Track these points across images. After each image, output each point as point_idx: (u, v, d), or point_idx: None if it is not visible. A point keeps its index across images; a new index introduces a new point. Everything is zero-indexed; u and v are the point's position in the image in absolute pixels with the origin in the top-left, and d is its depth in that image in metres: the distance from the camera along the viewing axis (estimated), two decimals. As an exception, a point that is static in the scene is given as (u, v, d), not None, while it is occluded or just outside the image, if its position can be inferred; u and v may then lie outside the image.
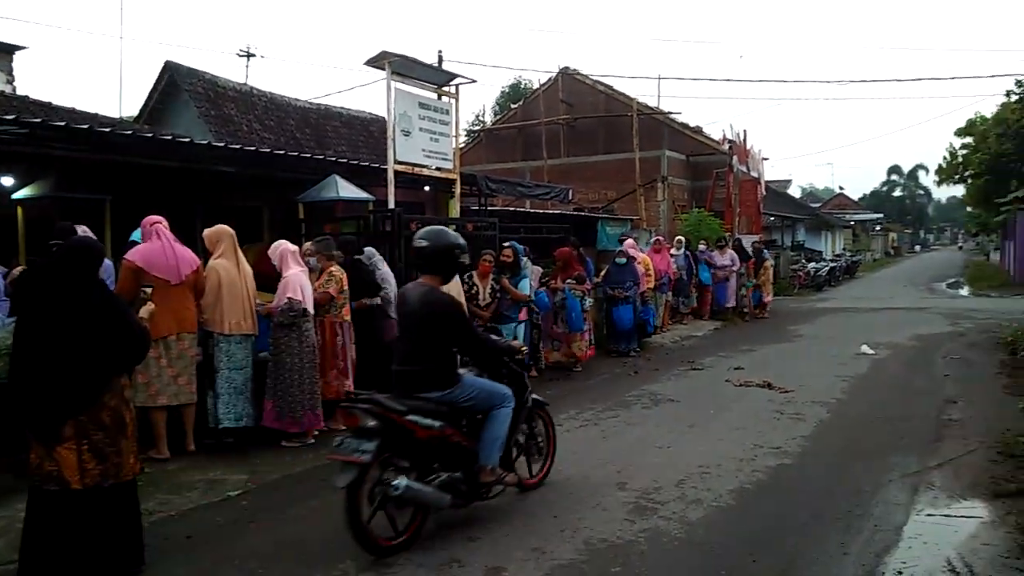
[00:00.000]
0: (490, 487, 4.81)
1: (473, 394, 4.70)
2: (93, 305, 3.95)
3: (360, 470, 4.15)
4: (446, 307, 4.68)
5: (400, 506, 4.34)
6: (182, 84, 16.46)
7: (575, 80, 26.78)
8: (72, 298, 3.92)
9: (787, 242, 34.00)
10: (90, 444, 3.86)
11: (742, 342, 12.86)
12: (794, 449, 6.41)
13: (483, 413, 4.79)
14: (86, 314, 3.91)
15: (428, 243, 4.74)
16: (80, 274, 4.00)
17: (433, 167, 10.26)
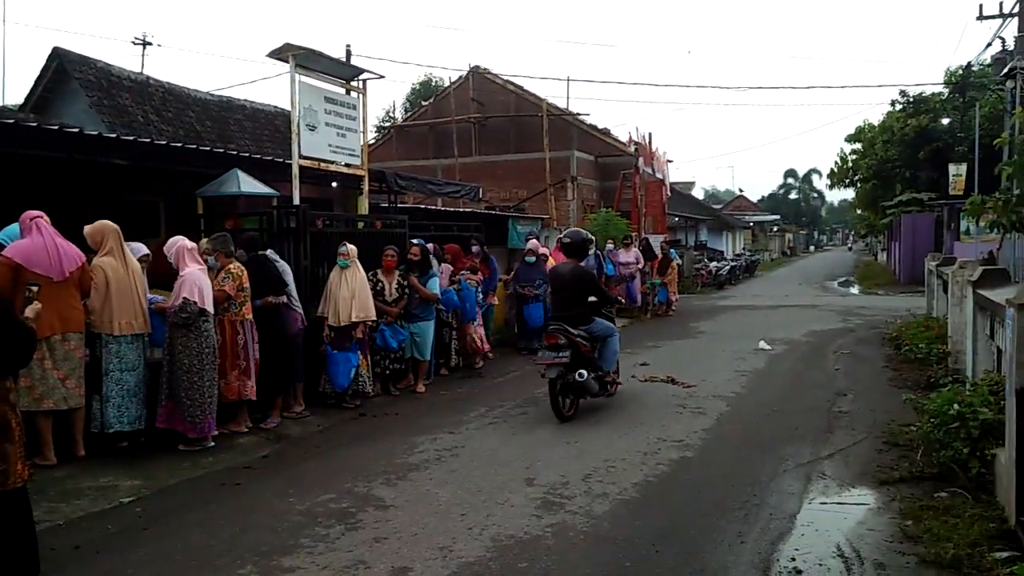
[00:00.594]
0: (608, 385, 7.82)
1: (600, 328, 7.71)
2: None
3: (563, 368, 7.12)
4: (588, 274, 8.02)
5: (574, 392, 7.36)
6: (72, 72, 15.55)
7: (486, 79, 26.84)
8: None
9: (691, 242, 35.11)
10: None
11: (648, 339, 13.18)
12: (696, 442, 6.60)
13: (603, 340, 7.70)
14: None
15: (571, 240, 8.04)
16: None
17: (341, 163, 10.04)
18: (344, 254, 7.94)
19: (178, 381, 6.16)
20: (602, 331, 7.71)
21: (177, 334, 6.19)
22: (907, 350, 10.65)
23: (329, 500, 5.15)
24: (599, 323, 7.69)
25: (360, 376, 7.92)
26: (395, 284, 8.58)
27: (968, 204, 9.77)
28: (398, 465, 5.95)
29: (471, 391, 9.04)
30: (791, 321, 15.77)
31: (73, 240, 6.09)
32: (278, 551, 4.31)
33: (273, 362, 7.05)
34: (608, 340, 7.77)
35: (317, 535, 4.54)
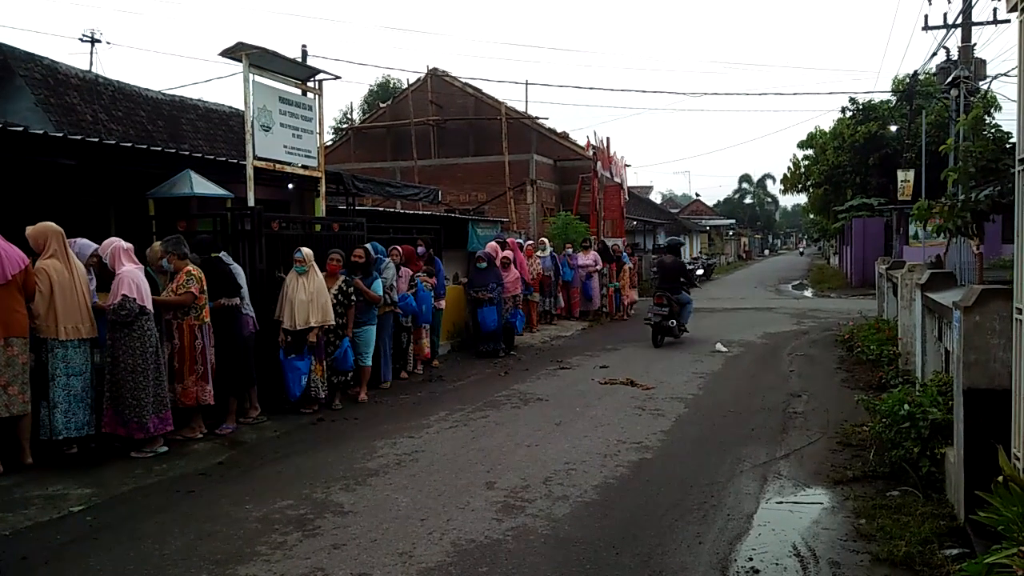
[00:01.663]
0: (680, 334, 12.95)
1: (684, 298, 13.05)
2: None
3: (661, 317, 12.53)
4: (681, 264, 13.83)
5: (663, 332, 12.67)
6: (16, 69, 15.06)
7: (444, 82, 26.78)
8: None
9: (649, 245, 35.43)
10: None
11: (607, 342, 13.27)
12: (655, 444, 6.64)
13: (684, 304, 12.97)
14: None
15: (670, 243, 15.40)
16: None
17: (297, 164, 9.90)
18: (300, 260, 7.78)
19: (121, 382, 6.00)
20: (685, 300, 13.10)
21: (118, 334, 6.03)
22: (859, 352, 10.89)
23: (287, 507, 5.06)
24: (683, 295, 13.08)
25: (313, 382, 7.77)
26: (335, 289, 8.20)
27: (915, 209, 10.04)
28: (357, 470, 5.88)
29: (431, 394, 8.98)
30: (747, 323, 16.02)
31: (16, 242, 5.90)
32: (234, 559, 4.22)
33: (228, 366, 6.94)
34: (687, 305, 13.18)
35: (274, 542, 4.46)
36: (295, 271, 7.79)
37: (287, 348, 7.67)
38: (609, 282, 17.38)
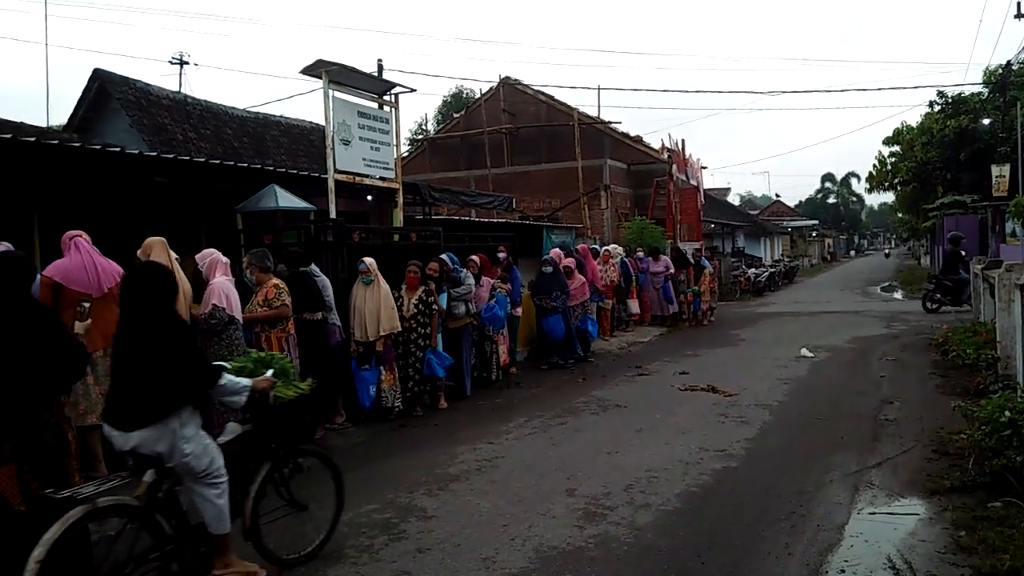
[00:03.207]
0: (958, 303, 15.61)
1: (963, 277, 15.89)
2: (26, 322, 3.78)
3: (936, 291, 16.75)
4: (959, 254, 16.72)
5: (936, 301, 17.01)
6: (113, 92, 15.94)
7: (516, 90, 26.95)
8: (3, 315, 3.75)
9: (727, 248, 34.75)
10: (31, 464, 3.69)
11: (686, 347, 13.05)
12: (739, 451, 6.50)
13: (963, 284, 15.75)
14: (19, 331, 3.74)
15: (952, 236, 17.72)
16: (10, 289, 3.82)
17: (375, 176, 10.14)
18: (364, 271, 7.89)
19: None
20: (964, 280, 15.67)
21: (208, 342, 6.28)
22: (954, 356, 10.41)
23: (372, 511, 5.17)
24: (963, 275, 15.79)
25: (383, 392, 7.82)
26: (415, 300, 8.29)
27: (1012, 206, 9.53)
28: (439, 476, 5.96)
29: (509, 401, 9.02)
30: (833, 328, 15.50)
31: (116, 258, 6.21)
32: (324, 561, 4.34)
33: (313, 375, 7.09)
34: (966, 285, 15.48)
35: (361, 545, 4.57)
36: (361, 282, 7.92)
37: (359, 358, 7.82)
38: (687, 288, 17.08)
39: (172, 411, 3.65)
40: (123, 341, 3.77)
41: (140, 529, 3.56)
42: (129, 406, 3.63)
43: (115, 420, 3.66)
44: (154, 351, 3.66)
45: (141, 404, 3.60)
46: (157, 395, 3.62)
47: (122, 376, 3.72)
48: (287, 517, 4.29)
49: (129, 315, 3.78)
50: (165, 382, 3.64)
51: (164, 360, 3.66)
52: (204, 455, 3.77)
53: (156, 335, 3.68)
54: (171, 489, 3.76)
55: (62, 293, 5.58)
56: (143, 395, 3.61)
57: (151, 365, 3.64)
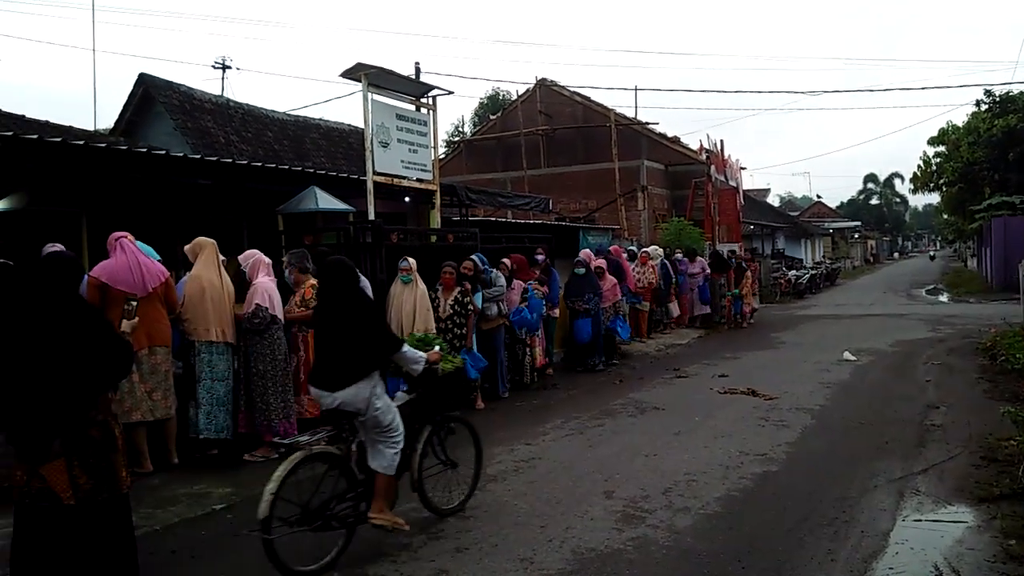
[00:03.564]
0: None
1: None
2: (75, 320, 3.87)
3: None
4: None
5: None
6: (157, 96, 16.29)
7: (553, 91, 26.93)
8: (53, 314, 3.84)
9: (767, 250, 34.29)
10: (80, 460, 3.78)
11: (726, 350, 12.90)
12: (780, 456, 6.40)
13: None
14: (69, 329, 3.83)
15: None
16: (60, 289, 3.91)
17: (413, 178, 10.21)
18: (406, 269, 7.94)
19: (253, 386, 6.36)
20: None
21: (251, 341, 6.40)
22: (1003, 360, 10.14)
23: (411, 509, 5.18)
24: None
25: None
26: (451, 301, 8.34)
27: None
28: (476, 476, 5.96)
29: (546, 402, 9.01)
30: (876, 331, 15.20)
31: (164, 258, 6.35)
32: (363, 559, 4.37)
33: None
34: None
35: (400, 543, 4.59)
36: (400, 280, 7.97)
37: None
38: (727, 290, 16.88)
39: (368, 373, 4.44)
40: (326, 320, 4.61)
41: (339, 475, 4.40)
42: (334, 371, 4.43)
43: (322, 383, 4.47)
44: (352, 326, 4.47)
45: (344, 369, 4.40)
46: (356, 361, 4.43)
47: (326, 348, 4.57)
48: (442, 473, 5.07)
49: (329, 299, 4.66)
50: (362, 350, 4.46)
51: (360, 333, 4.47)
52: (388, 412, 4.54)
53: (353, 313, 4.51)
54: (360, 443, 4.54)
55: (108, 293, 5.72)
56: (345, 362, 4.41)
57: (350, 337, 4.45)
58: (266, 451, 6.46)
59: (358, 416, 4.44)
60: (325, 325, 4.62)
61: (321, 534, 4.23)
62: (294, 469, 4.18)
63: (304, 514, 4.18)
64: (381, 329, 4.70)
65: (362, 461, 4.54)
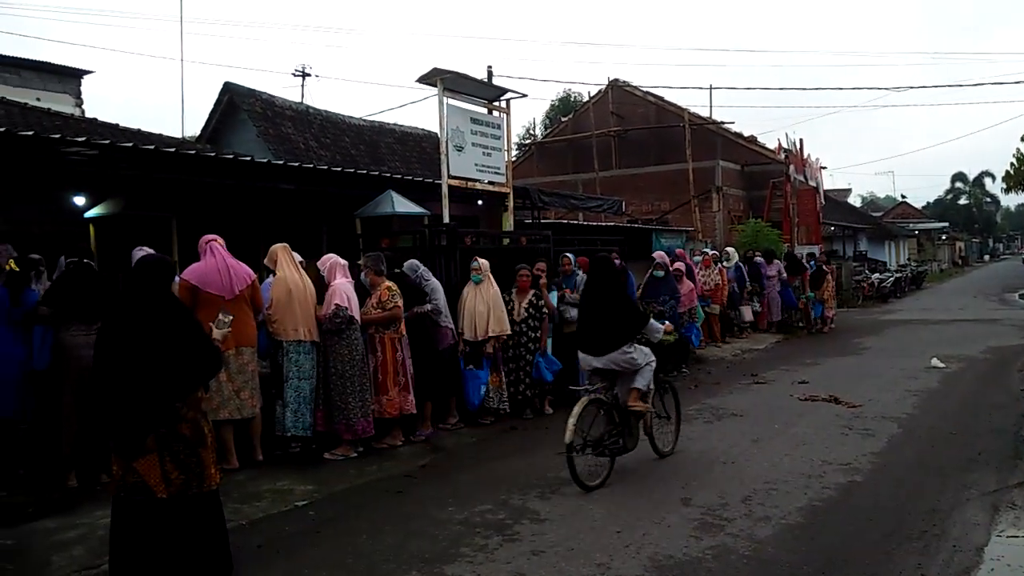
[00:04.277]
0: None
1: None
2: (168, 321, 4.05)
3: None
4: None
5: None
6: (240, 104, 16.89)
7: (625, 92, 26.69)
8: (148, 315, 4.03)
9: (849, 252, 33.18)
10: (171, 455, 3.96)
11: (806, 355, 12.53)
12: (865, 466, 6.19)
13: None
14: (162, 330, 4.01)
15: None
16: (154, 290, 4.11)
17: (486, 181, 10.29)
18: (476, 269, 7.97)
19: (332, 386, 6.51)
20: None
21: (330, 341, 6.55)
22: (1108, 369, 9.55)
23: (486, 511, 5.24)
24: None
25: (490, 393, 7.86)
26: (525, 303, 8.32)
27: None
28: (551, 479, 5.96)
29: (619, 407, 8.92)
30: (967, 337, 14.52)
31: (247, 261, 6.57)
32: (440, 559, 4.43)
33: (424, 375, 7.25)
34: None
35: (476, 545, 4.63)
36: (472, 281, 8.02)
37: (467, 358, 7.91)
38: (802, 294, 16.40)
39: (626, 342, 5.95)
40: (593, 303, 6.20)
41: (606, 417, 5.91)
42: (601, 341, 5.99)
43: (590, 349, 6.07)
44: (614, 307, 6.03)
45: (608, 339, 5.95)
46: (617, 333, 5.94)
47: (594, 323, 6.10)
48: (660, 422, 6.48)
49: (595, 287, 6.25)
50: (621, 325, 5.99)
51: (620, 312, 6.04)
52: (641, 356, 6.03)
53: (615, 298, 6.12)
54: (615, 395, 6.05)
55: (199, 295, 5.95)
56: (609, 333, 5.95)
57: (613, 316, 5.99)
58: (345, 450, 6.62)
59: (619, 374, 6.01)
60: (592, 307, 6.19)
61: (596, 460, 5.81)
62: (586, 407, 5.73)
63: (587, 443, 5.66)
64: (634, 309, 6.31)
65: (618, 408, 6.00)
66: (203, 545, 4.04)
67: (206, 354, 4.17)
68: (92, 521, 4.93)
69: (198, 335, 4.19)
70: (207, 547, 4.06)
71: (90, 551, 4.51)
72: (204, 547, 4.04)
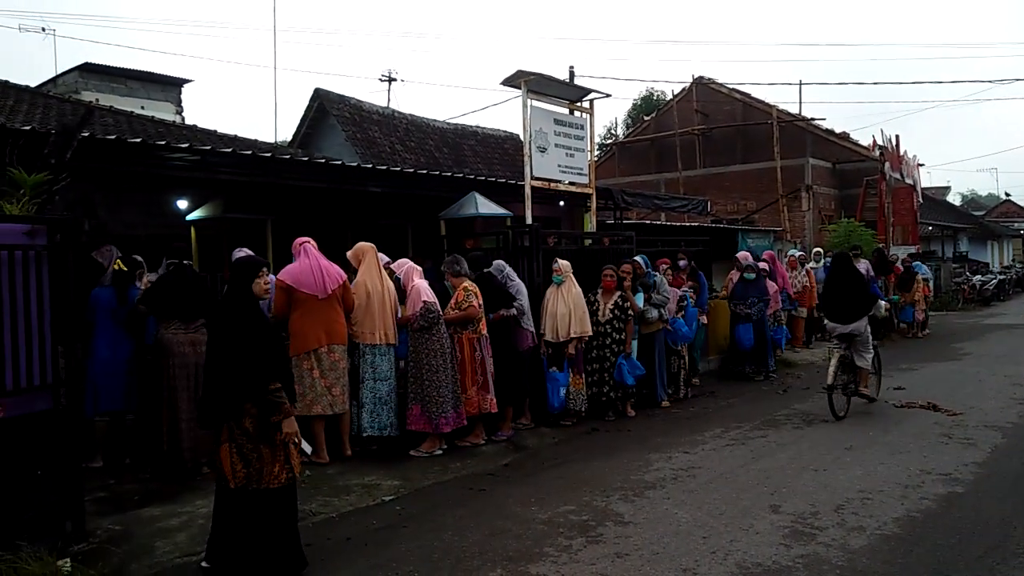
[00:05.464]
0: None
1: None
2: (247, 320, 4.26)
3: None
4: None
5: None
6: (330, 109, 17.40)
7: (710, 89, 26.18)
8: (232, 314, 4.26)
9: (948, 253, 31.63)
10: (237, 447, 4.14)
11: (901, 361, 12.00)
12: (966, 476, 5.91)
13: None
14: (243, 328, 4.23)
15: None
16: (235, 288, 4.33)
17: (568, 182, 10.29)
18: (557, 270, 7.96)
19: (426, 382, 6.62)
20: None
21: (420, 339, 6.68)
22: None
23: (569, 512, 5.25)
24: None
25: (572, 395, 7.84)
26: (610, 305, 8.26)
27: None
28: (634, 482, 5.93)
29: (704, 410, 8.79)
30: (1078, 342, 13.65)
31: (337, 262, 6.77)
32: (524, 558, 4.47)
33: (504, 376, 7.30)
34: None
35: (560, 545, 4.64)
36: (553, 282, 8.02)
37: (549, 359, 7.91)
38: (887, 296, 15.67)
39: (865, 315, 8.26)
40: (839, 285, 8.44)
41: (846, 368, 8.28)
42: (847, 313, 8.24)
43: (838, 319, 8.31)
44: (858, 290, 8.40)
45: (852, 312, 8.23)
46: (858, 308, 8.26)
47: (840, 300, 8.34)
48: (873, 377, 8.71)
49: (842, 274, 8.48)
50: (862, 303, 8.35)
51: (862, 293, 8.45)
52: (867, 331, 8.34)
53: (858, 283, 8.55)
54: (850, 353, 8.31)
55: (293, 294, 6.19)
56: (854, 308, 8.24)
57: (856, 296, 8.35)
58: (430, 446, 6.74)
59: (855, 337, 8.21)
60: (837, 289, 8.41)
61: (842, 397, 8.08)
62: (840, 360, 8.12)
63: (836, 385, 7.99)
64: (869, 292, 8.82)
65: (852, 363, 8.30)
66: (269, 541, 4.19)
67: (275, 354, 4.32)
68: (193, 510, 5.19)
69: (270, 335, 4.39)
70: (273, 543, 4.21)
71: (191, 538, 4.74)
72: (270, 543, 4.19)
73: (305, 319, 6.25)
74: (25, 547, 4.10)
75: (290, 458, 4.25)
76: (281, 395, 4.18)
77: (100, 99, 14.75)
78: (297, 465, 4.33)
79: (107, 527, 4.90)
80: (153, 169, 7.64)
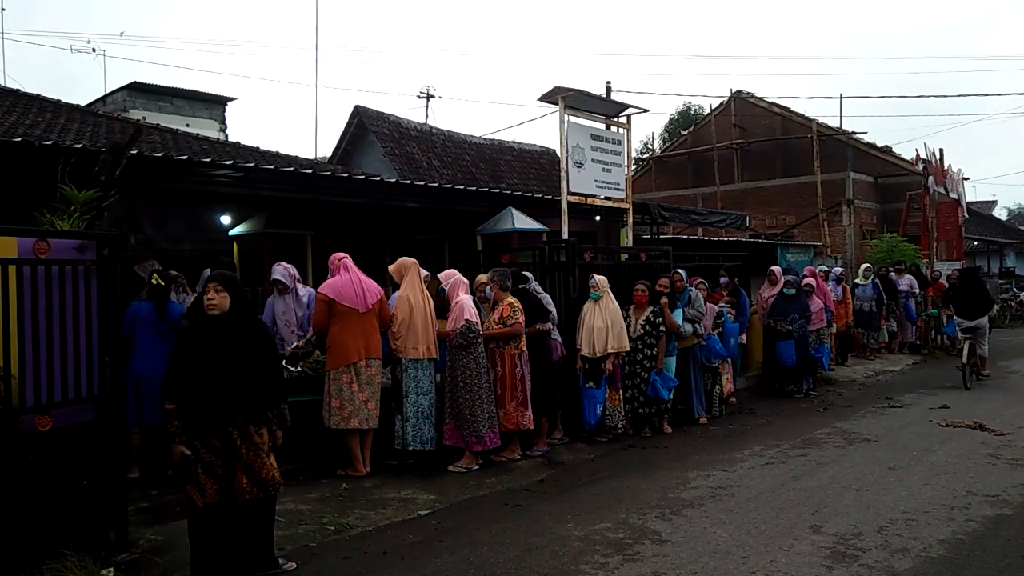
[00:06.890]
0: None
1: None
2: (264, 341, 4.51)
3: None
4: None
5: None
6: (369, 126, 17.66)
7: (748, 103, 26.00)
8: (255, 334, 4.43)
9: (994, 268, 30.86)
10: (204, 465, 4.17)
11: (946, 378, 11.71)
12: (1015, 498, 5.74)
13: None
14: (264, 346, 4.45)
15: None
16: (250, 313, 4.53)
17: (604, 197, 10.27)
18: (594, 286, 7.91)
19: (461, 399, 6.65)
20: None
21: (458, 355, 6.70)
22: None
23: (606, 529, 5.20)
24: None
25: (608, 411, 7.78)
26: (642, 320, 8.20)
27: None
28: (671, 500, 5.86)
29: (742, 428, 8.67)
30: None
31: (374, 277, 6.85)
32: (560, 575, 4.44)
33: (539, 389, 7.28)
34: None
35: (597, 563, 4.60)
36: (591, 297, 7.98)
37: (586, 375, 7.87)
38: (923, 311, 15.32)
39: (987, 313, 10.94)
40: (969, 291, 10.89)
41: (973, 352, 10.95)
42: (975, 311, 10.97)
43: (967, 316, 10.95)
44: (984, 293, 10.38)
45: (979, 310, 10.96)
46: (984, 307, 10.95)
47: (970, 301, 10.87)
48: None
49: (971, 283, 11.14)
50: (986, 303, 10.94)
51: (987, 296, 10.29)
52: (987, 326, 10.97)
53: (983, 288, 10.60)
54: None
55: (334, 307, 6.28)
56: (980, 307, 10.89)
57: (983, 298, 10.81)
58: (468, 461, 6.75)
59: (977, 330, 10.88)
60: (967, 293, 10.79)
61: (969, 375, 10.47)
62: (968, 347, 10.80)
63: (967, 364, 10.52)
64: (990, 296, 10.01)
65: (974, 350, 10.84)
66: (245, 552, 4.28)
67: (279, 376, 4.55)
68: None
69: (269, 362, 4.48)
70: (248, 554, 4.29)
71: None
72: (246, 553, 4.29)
73: (345, 333, 6.33)
74: (70, 556, 4.19)
75: (262, 471, 4.25)
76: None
77: (147, 117, 15.17)
78: (276, 478, 4.34)
79: (149, 537, 4.99)
80: (197, 185, 7.80)
